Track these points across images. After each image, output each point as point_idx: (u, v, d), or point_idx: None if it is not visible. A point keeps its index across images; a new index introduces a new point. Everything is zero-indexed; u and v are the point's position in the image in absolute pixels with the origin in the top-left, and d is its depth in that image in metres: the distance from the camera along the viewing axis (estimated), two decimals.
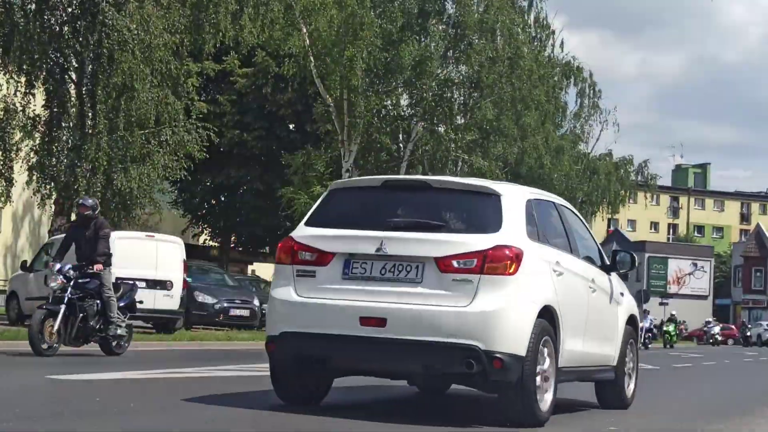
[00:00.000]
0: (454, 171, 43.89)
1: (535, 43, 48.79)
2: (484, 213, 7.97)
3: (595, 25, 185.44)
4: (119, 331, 14.45)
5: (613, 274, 9.92)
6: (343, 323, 7.71)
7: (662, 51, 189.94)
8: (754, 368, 27.24)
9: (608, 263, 9.80)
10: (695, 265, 78.35)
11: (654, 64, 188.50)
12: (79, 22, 21.20)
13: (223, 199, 45.71)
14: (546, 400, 8.06)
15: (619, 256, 9.80)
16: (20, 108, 22.22)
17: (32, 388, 9.93)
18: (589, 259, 9.49)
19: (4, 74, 21.80)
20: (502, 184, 8.80)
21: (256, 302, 26.03)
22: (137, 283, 16.38)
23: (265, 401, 9.13)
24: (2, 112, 21.75)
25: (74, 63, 22.30)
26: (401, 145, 39.76)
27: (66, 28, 21.88)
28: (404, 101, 40.58)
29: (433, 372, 7.94)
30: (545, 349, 7.91)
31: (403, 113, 40.61)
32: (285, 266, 8.12)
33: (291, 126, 43.42)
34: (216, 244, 48.52)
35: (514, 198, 8.24)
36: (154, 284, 21.47)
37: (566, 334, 8.34)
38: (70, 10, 21.79)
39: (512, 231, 7.80)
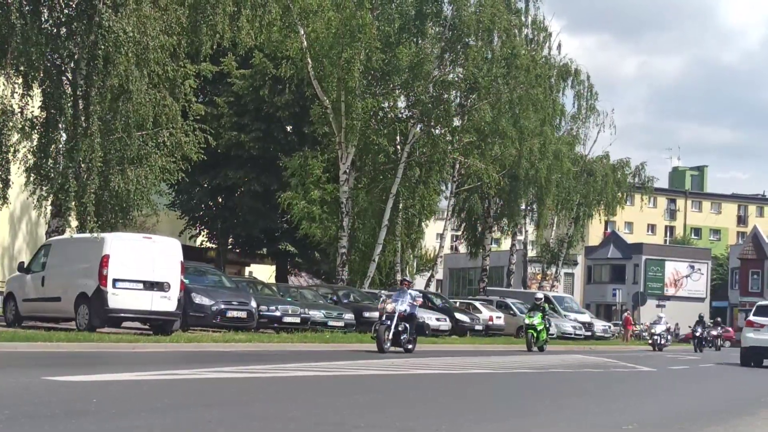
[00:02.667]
0: (451, 173, 43.92)
1: (532, 45, 48.86)
2: None
3: (594, 28, 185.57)
4: None
5: None
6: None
7: (661, 53, 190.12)
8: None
9: None
10: (692, 267, 78.30)
11: (653, 66, 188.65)
12: (75, 24, 21.17)
13: (220, 200, 45.64)
14: None
15: None
16: (18, 110, 22.18)
17: (27, 388, 9.91)
18: None
19: (2, 76, 21.76)
20: None
21: (253, 304, 25.96)
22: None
23: (263, 400, 9.12)
24: None
25: (71, 64, 22.26)
26: (398, 147, 39.75)
27: (63, 30, 21.85)
28: (401, 103, 40.60)
29: None
30: None
31: (400, 115, 40.61)
32: (749, 327, 27.21)
33: (288, 128, 43.37)
34: (213, 245, 48.45)
35: None
36: (151, 286, 21.45)
37: None
38: (66, 11, 21.76)
39: None
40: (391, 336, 21.98)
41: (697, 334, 44.16)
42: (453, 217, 50.86)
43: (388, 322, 22.00)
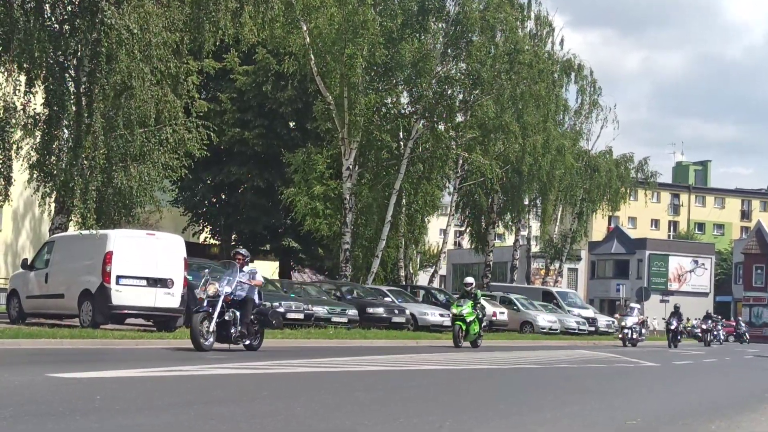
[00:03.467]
0: (454, 169, 43.90)
1: (536, 40, 48.82)
2: None
3: (598, 24, 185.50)
4: None
5: None
6: None
7: (665, 49, 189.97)
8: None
9: None
10: (696, 262, 78.28)
11: (656, 62, 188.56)
12: (78, 21, 21.17)
13: (223, 197, 45.68)
14: None
15: None
16: (20, 107, 22.19)
17: (30, 386, 9.92)
18: None
19: (4, 72, 21.76)
20: None
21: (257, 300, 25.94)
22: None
23: (266, 397, 9.11)
24: (2, 111, 21.71)
25: (74, 61, 22.27)
26: (401, 143, 39.74)
27: (66, 27, 21.85)
28: (404, 99, 40.60)
29: None
30: None
31: (403, 111, 40.61)
32: None
33: (291, 124, 43.38)
34: (216, 242, 48.50)
35: None
36: (154, 282, 21.46)
37: None
38: (69, 8, 21.75)
39: None
40: (212, 327, 16.80)
41: (672, 327, 39.53)
42: (456, 213, 50.86)
43: (209, 309, 16.86)
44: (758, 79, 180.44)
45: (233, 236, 47.70)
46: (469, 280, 27.60)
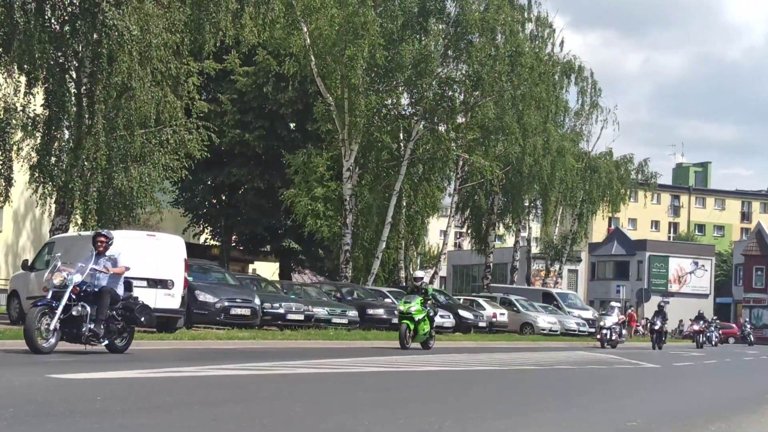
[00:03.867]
0: (454, 170, 43.93)
1: (536, 42, 48.83)
2: None
3: (598, 25, 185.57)
4: None
5: None
6: None
7: (665, 50, 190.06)
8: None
9: None
10: (696, 263, 78.25)
11: (656, 63, 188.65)
12: (79, 22, 21.20)
13: (224, 198, 45.70)
14: None
15: None
16: (20, 108, 22.22)
17: (30, 386, 9.93)
18: None
19: (4, 73, 21.79)
20: None
21: (257, 301, 25.99)
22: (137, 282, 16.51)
23: (266, 397, 9.11)
24: (2, 111, 21.74)
25: (74, 63, 22.30)
26: (402, 144, 39.76)
27: (66, 28, 21.88)
28: (405, 100, 40.64)
29: None
30: None
31: (403, 112, 40.64)
32: None
33: (292, 125, 43.39)
34: (217, 243, 48.51)
35: None
36: (155, 283, 21.44)
37: None
38: (70, 9, 21.78)
39: None
40: (53, 325, 13.74)
41: (656, 327, 37.13)
42: (456, 214, 50.90)
43: (53, 303, 13.78)
44: (759, 79, 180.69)
45: (233, 237, 47.74)
46: (419, 274, 25.03)
